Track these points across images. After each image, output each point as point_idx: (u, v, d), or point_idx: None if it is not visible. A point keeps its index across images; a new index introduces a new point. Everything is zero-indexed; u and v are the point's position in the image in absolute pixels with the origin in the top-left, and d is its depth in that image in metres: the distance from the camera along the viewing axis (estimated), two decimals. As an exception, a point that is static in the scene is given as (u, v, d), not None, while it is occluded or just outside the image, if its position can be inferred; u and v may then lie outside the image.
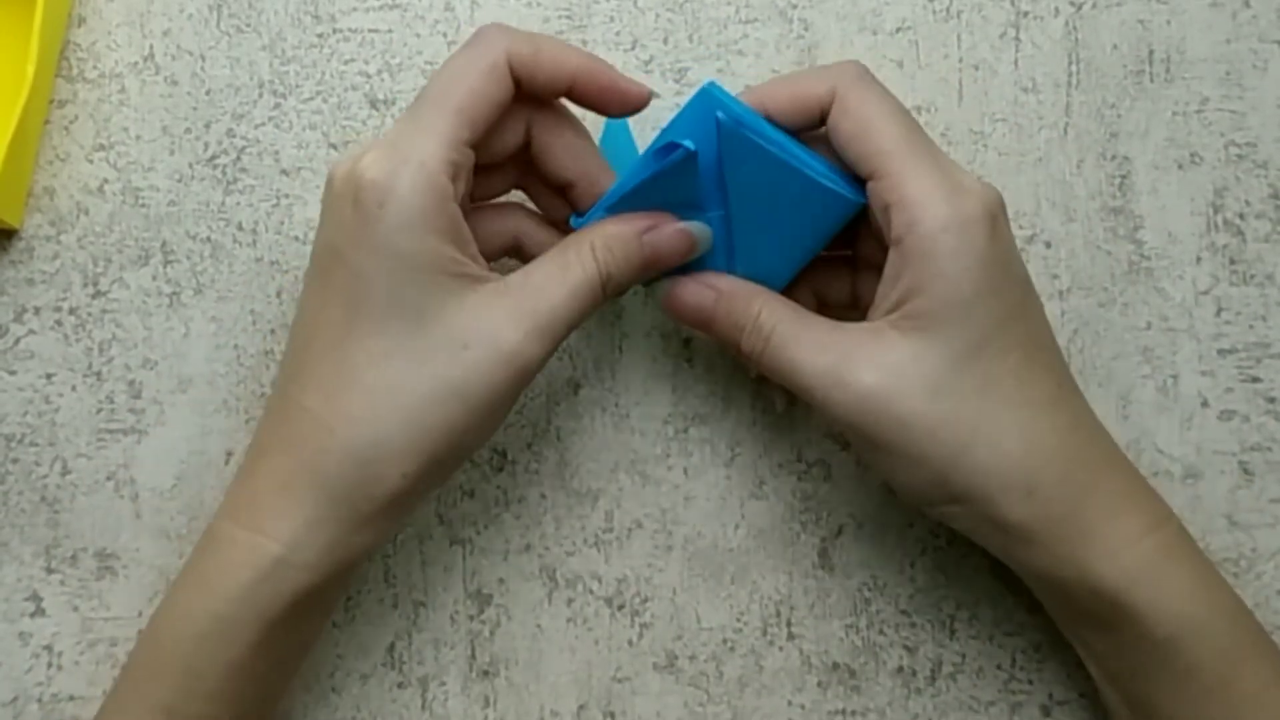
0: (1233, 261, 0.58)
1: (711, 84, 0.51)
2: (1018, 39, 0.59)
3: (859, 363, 0.49)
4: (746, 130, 0.50)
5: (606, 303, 0.52)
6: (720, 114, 0.50)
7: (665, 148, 0.51)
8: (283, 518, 0.49)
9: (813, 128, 0.52)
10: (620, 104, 0.52)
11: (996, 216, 0.49)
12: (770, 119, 0.52)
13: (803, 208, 0.52)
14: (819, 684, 0.57)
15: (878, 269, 0.51)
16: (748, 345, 0.52)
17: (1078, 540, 0.49)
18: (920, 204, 0.49)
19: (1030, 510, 0.49)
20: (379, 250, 0.49)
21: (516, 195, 0.56)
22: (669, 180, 0.51)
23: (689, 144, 0.50)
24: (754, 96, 0.52)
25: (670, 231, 0.52)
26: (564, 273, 0.50)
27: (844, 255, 0.55)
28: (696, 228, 0.52)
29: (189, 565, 0.51)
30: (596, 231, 0.51)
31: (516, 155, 0.53)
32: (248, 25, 0.58)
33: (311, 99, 0.58)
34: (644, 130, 0.56)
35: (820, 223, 0.52)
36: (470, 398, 0.49)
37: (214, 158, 0.58)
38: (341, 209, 0.49)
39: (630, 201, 0.52)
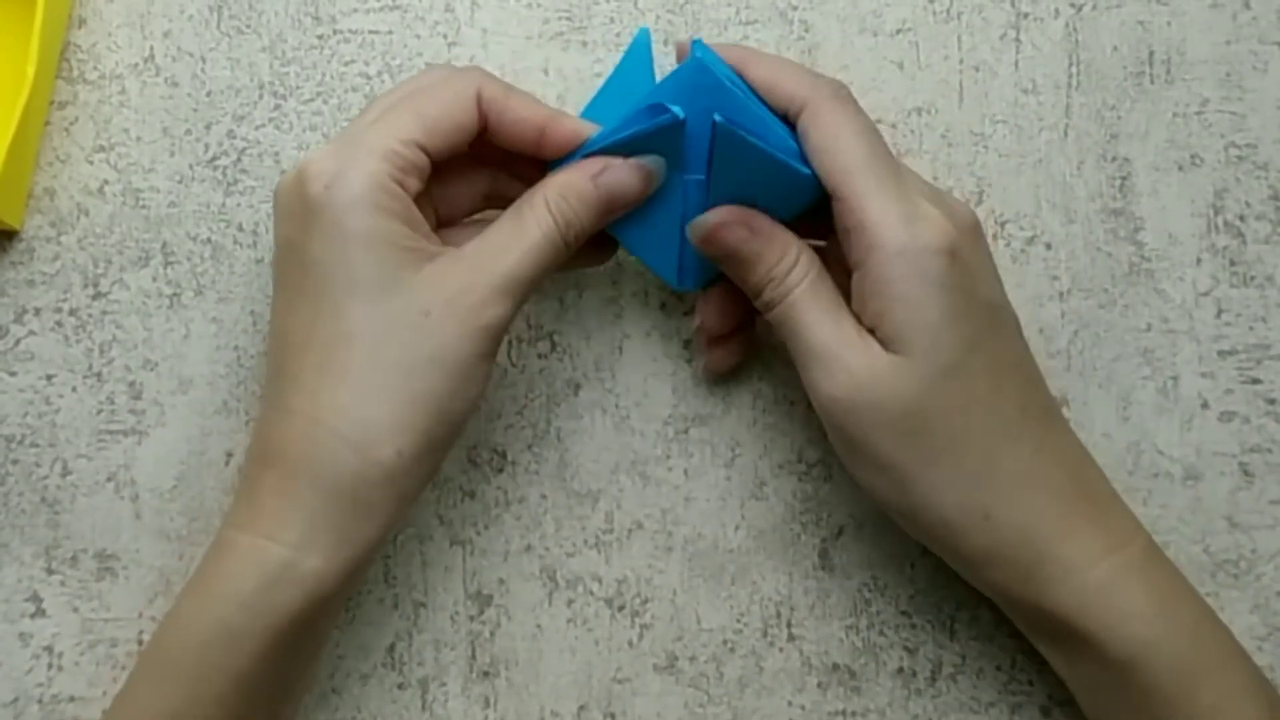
0: (1233, 263, 0.58)
1: (700, 46, 0.51)
2: (1018, 40, 0.59)
3: (851, 358, 0.50)
4: (742, 131, 0.51)
5: (572, 251, 0.52)
6: (718, 117, 0.50)
7: (653, 108, 0.51)
8: (285, 520, 0.49)
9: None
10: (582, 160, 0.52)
11: (956, 246, 0.50)
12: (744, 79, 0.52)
13: (779, 186, 0.52)
14: (819, 685, 0.57)
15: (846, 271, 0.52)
16: (769, 294, 0.52)
17: (1033, 564, 0.50)
18: (877, 228, 0.49)
19: (986, 535, 0.50)
20: (329, 232, 0.49)
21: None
22: (651, 141, 0.52)
23: (678, 111, 0.51)
24: (735, 58, 0.52)
25: (622, 168, 0.52)
26: (519, 229, 0.51)
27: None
28: (651, 161, 0.52)
29: (196, 573, 0.51)
30: (548, 184, 0.51)
31: (483, 157, 0.54)
32: (248, 27, 0.58)
33: (312, 100, 0.58)
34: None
35: (791, 200, 0.52)
36: (443, 363, 0.49)
37: (214, 159, 0.58)
38: (290, 203, 0.50)
39: (610, 153, 0.52)
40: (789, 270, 0.51)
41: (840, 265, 0.55)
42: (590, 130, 0.52)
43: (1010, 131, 0.58)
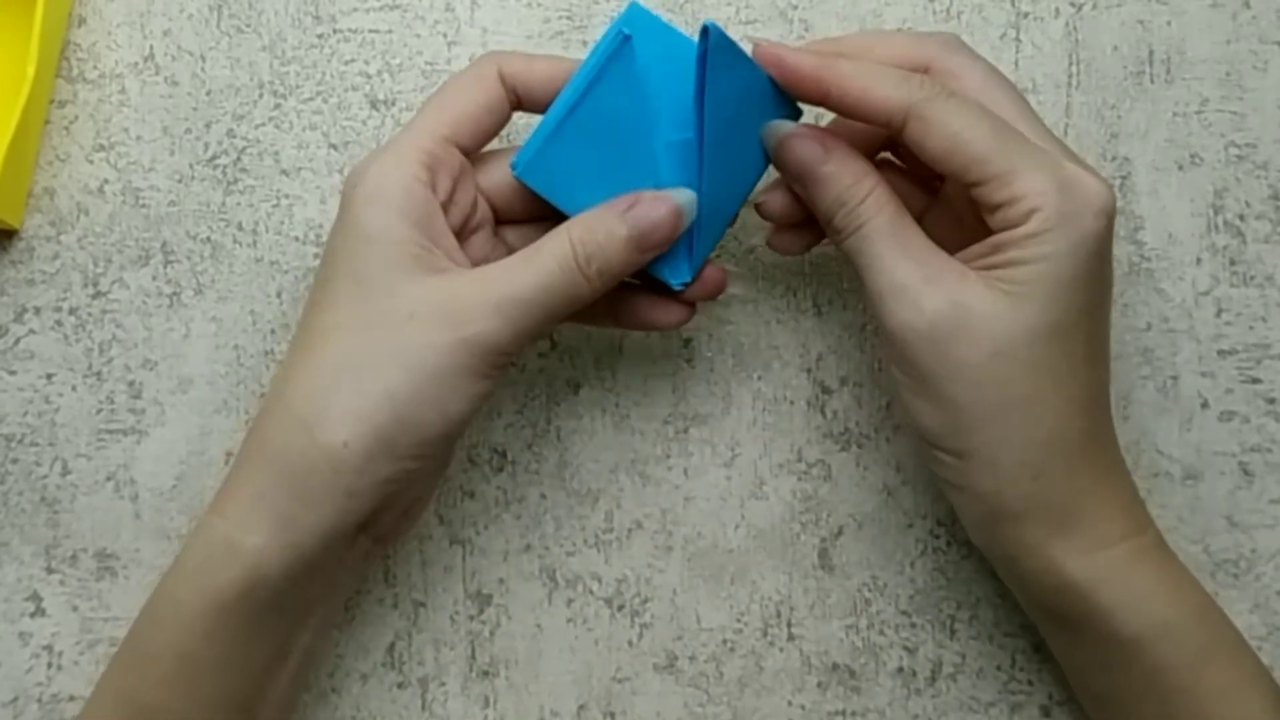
0: (1233, 262, 0.58)
1: (714, 28, 0.49)
2: (1018, 40, 0.59)
3: (939, 292, 0.49)
4: (733, 43, 0.49)
5: (600, 289, 0.50)
6: (709, 22, 0.49)
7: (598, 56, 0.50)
8: (235, 496, 0.49)
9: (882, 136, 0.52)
10: None
11: (1111, 210, 0.49)
12: (827, 104, 0.51)
13: (760, 121, 0.51)
14: (819, 684, 0.57)
15: (955, 212, 0.51)
16: (841, 221, 0.50)
17: (1057, 532, 0.50)
18: (1036, 195, 0.48)
19: (1029, 491, 0.49)
20: (345, 227, 0.50)
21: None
22: (611, 92, 0.50)
23: (624, 29, 0.50)
24: (812, 71, 0.50)
25: (651, 202, 0.50)
26: (532, 254, 0.50)
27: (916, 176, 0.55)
28: (679, 194, 0.51)
29: None
30: (575, 219, 0.50)
31: None
32: (248, 26, 0.58)
33: (312, 99, 0.58)
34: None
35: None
36: (410, 364, 0.48)
37: (214, 158, 0.58)
38: (337, 205, 0.51)
39: (575, 130, 0.51)
40: (863, 198, 0.50)
41: (922, 190, 0.55)
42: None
43: (1010, 131, 0.58)
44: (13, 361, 0.57)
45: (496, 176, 0.53)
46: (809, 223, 0.54)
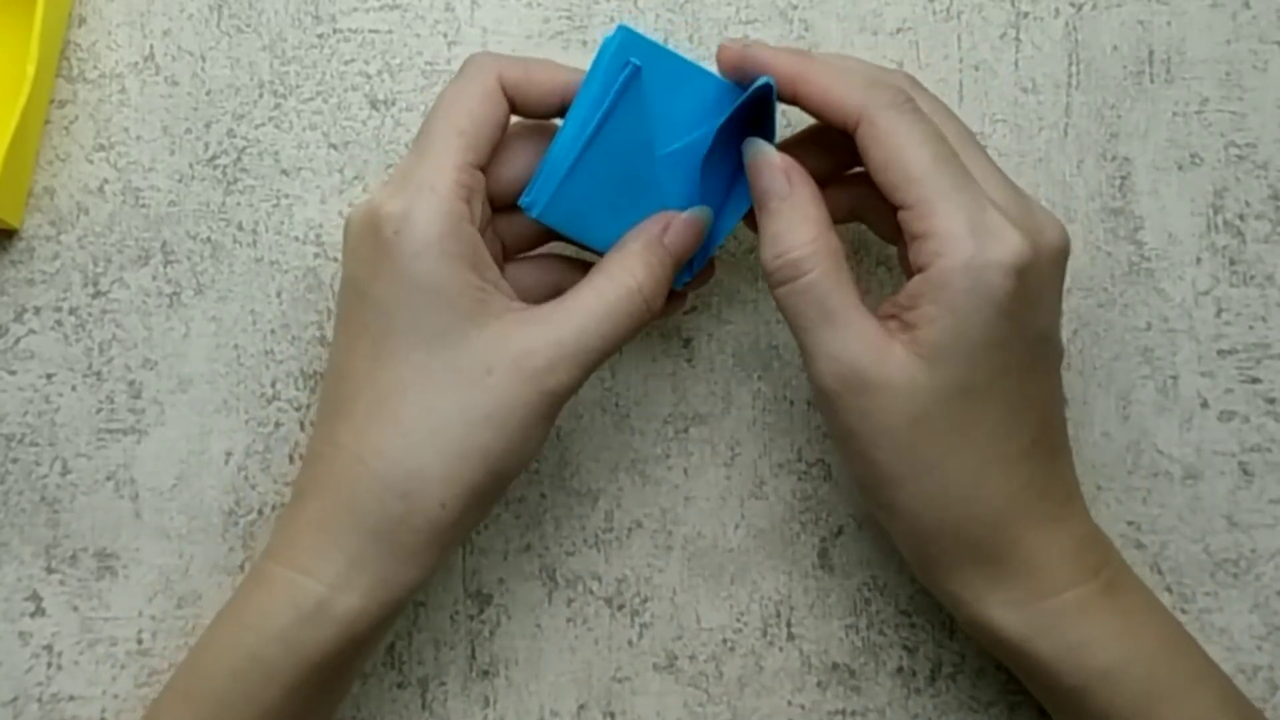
0: (1233, 262, 0.58)
1: (623, 30, 0.51)
2: (1018, 39, 0.59)
3: (862, 359, 0.48)
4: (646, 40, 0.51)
5: (652, 318, 0.51)
6: (623, 27, 0.50)
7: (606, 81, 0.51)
8: (324, 557, 0.49)
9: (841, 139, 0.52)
10: None
11: (1026, 266, 0.48)
12: (797, 102, 0.51)
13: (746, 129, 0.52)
14: (819, 684, 0.57)
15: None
16: (776, 266, 0.50)
17: (991, 586, 0.50)
18: (945, 238, 0.48)
19: (954, 547, 0.50)
20: (398, 278, 0.49)
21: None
22: (623, 125, 0.51)
23: (631, 59, 0.50)
24: (790, 70, 0.50)
25: (682, 225, 0.52)
26: (594, 294, 0.50)
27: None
28: (700, 212, 0.52)
29: (232, 602, 0.51)
30: (626, 257, 0.51)
31: None
32: (248, 25, 0.58)
33: (312, 99, 0.58)
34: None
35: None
36: (501, 423, 0.49)
37: (214, 158, 0.58)
38: (361, 245, 0.50)
39: (589, 167, 0.51)
40: (806, 248, 0.49)
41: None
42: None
43: (1010, 131, 0.58)
44: (13, 361, 0.57)
45: (465, 122, 0.52)
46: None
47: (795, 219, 0.50)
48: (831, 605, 0.58)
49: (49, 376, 0.57)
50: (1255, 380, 0.58)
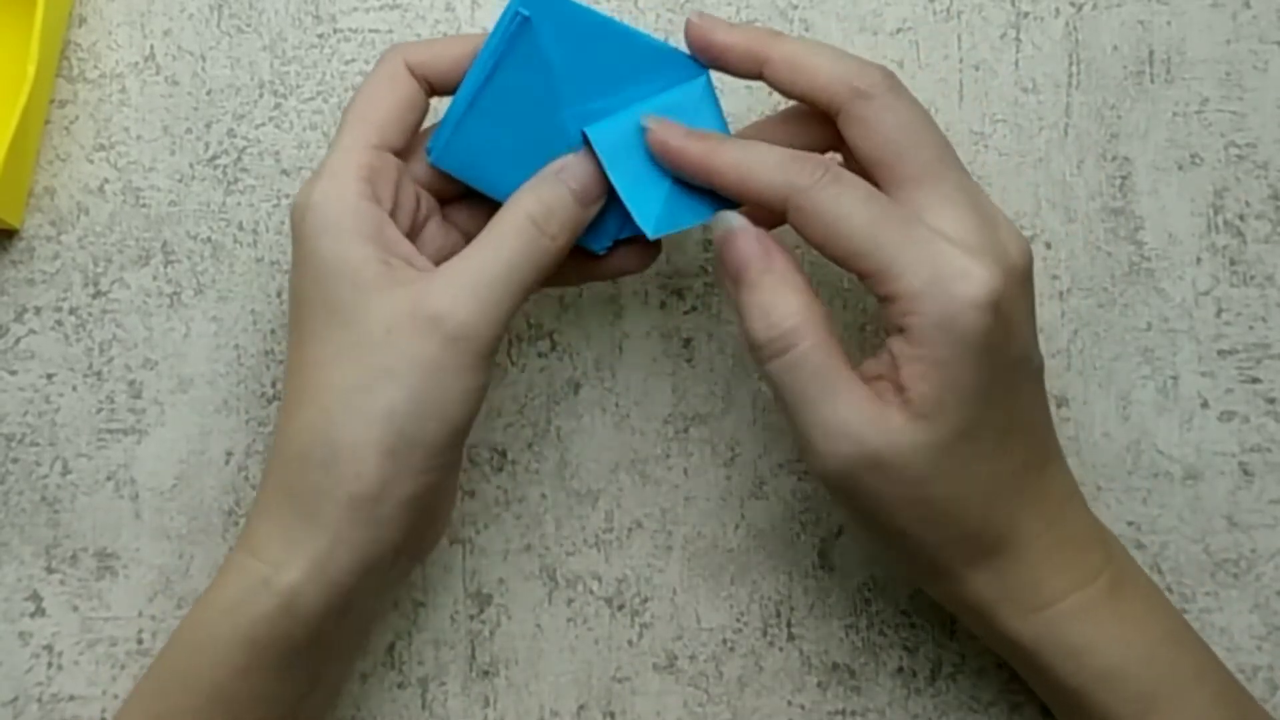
0: (1233, 262, 0.58)
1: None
2: (1018, 39, 0.59)
3: (865, 432, 0.48)
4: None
5: (563, 247, 0.50)
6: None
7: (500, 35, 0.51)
8: (266, 537, 0.49)
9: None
10: None
11: (998, 297, 0.47)
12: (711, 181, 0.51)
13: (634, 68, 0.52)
14: (819, 684, 0.57)
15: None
16: (765, 339, 0.48)
17: (998, 600, 0.51)
18: (912, 298, 0.47)
19: (966, 573, 0.50)
20: (306, 261, 0.50)
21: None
22: (515, 73, 0.51)
23: (523, 9, 0.50)
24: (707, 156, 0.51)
25: (577, 161, 0.51)
26: (491, 233, 0.50)
27: None
28: (595, 147, 0.51)
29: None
30: (520, 191, 0.51)
31: None
32: (248, 25, 0.58)
33: (312, 99, 0.58)
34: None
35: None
36: (403, 378, 0.48)
37: (215, 158, 0.58)
38: (291, 239, 0.51)
39: (483, 114, 0.51)
40: (796, 315, 0.48)
41: None
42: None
43: (1010, 131, 0.58)
44: (13, 361, 0.57)
45: (380, 115, 0.52)
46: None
47: (781, 288, 0.49)
48: (831, 605, 0.58)
49: (49, 376, 0.57)
50: (1255, 380, 0.58)
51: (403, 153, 0.52)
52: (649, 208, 0.51)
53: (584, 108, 0.52)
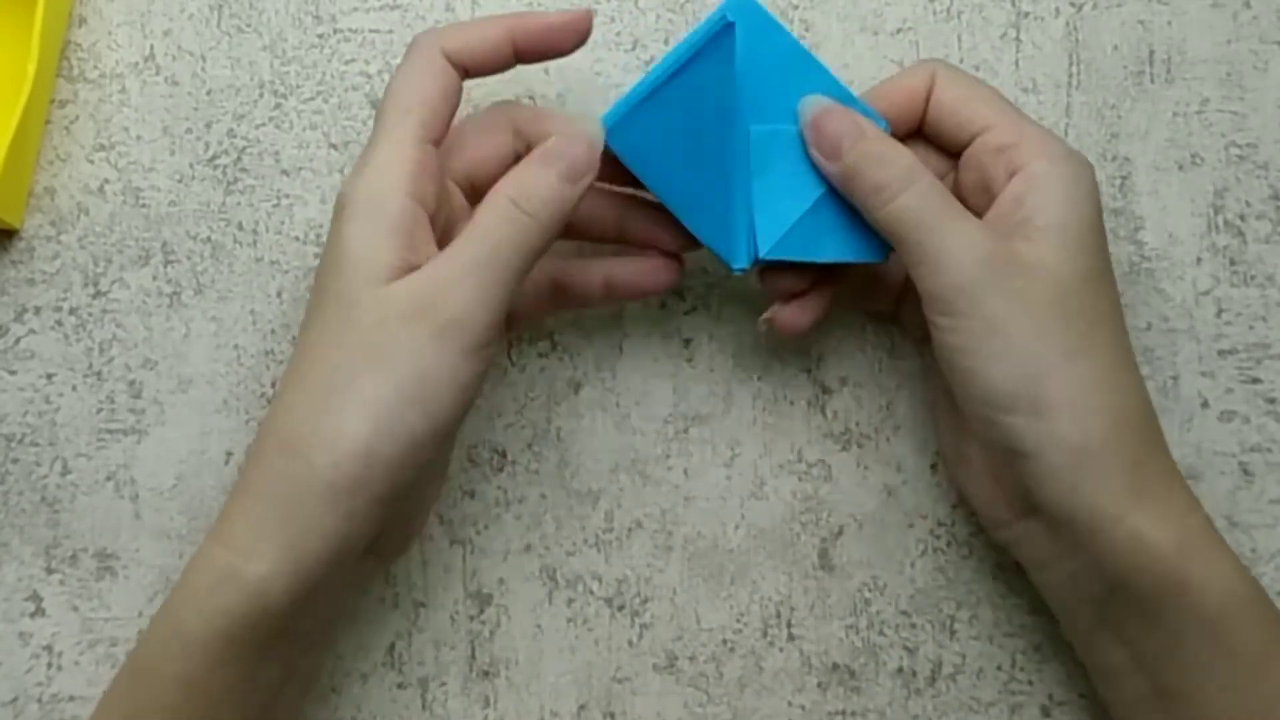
0: (1233, 262, 0.58)
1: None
2: (1018, 39, 0.59)
3: (995, 235, 0.50)
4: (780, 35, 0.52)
5: (548, 227, 0.50)
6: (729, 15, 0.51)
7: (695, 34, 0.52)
8: (234, 524, 0.49)
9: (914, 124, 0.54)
10: (567, 36, 0.51)
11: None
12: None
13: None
14: (819, 685, 0.57)
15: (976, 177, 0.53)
16: (895, 177, 0.51)
17: (1138, 497, 0.49)
18: (1036, 139, 0.51)
19: (1111, 439, 0.49)
20: (331, 247, 0.49)
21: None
22: (706, 73, 0.51)
23: (730, 15, 0.51)
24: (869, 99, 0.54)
25: (563, 137, 0.51)
26: (475, 222, 0.49)
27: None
28: (589, 128, 0.51)
29: None
30: (503, 178, 0.50)
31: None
32: (248, 25, 0.58)
33: (312, 99, 0.58)
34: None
35: None
36: (385, 368, 0.47)
37: (215, 158, 0.58)
38: None
39: (664, 103, 0.52)
40: (909, 162, 0.51)
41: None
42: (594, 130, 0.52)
43: (1010, 131, 0.58)
44: (13, 361, 0.57)
45: (469, 155, 0.52)
46: (813, 291, 0.54)
47: (887, 140, 0.52)
48: (831, 605, 0.58)
49: (49, 376, 0.57)
50: (1255, 380, 0.58)
51: (440, 146, 0.52)
52: (774, 226, 0.53)
53: (759, 126, 0.52)
